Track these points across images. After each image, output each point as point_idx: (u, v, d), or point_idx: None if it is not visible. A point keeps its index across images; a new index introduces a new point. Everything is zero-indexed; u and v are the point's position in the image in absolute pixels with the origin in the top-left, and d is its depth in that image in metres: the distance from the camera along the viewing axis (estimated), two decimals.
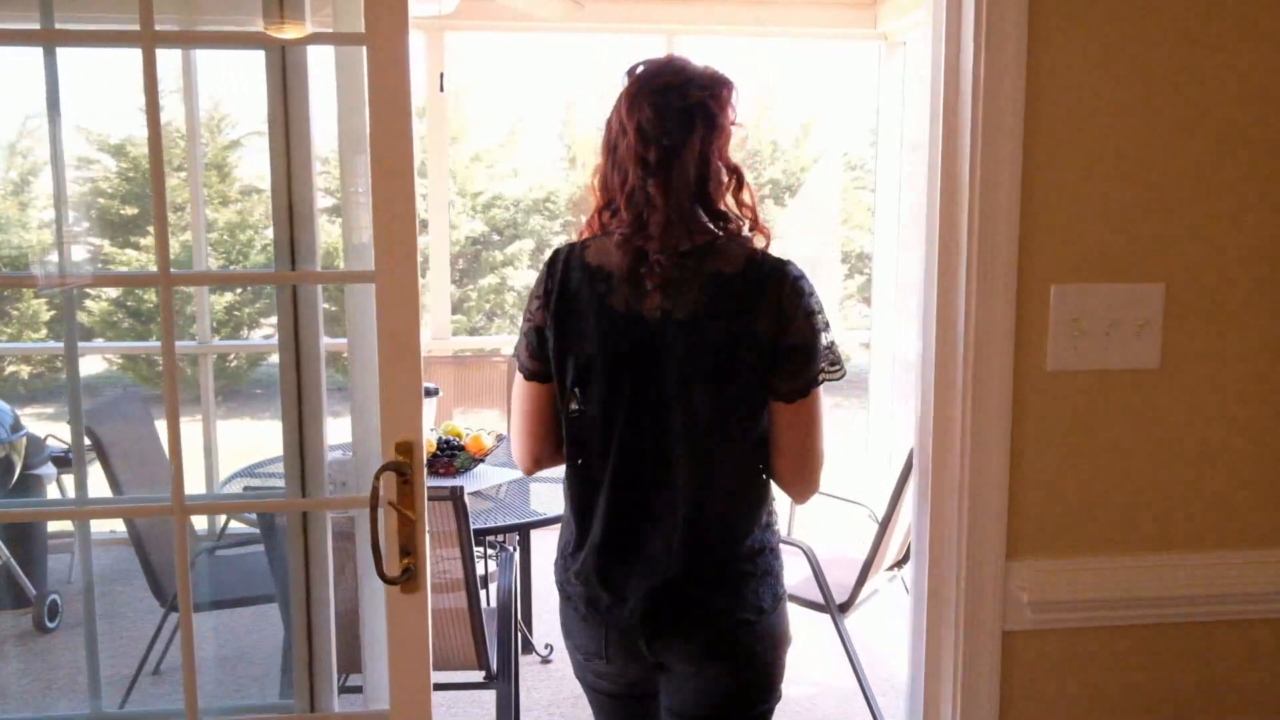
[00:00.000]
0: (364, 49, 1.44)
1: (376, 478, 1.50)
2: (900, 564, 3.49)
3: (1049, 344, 1.61)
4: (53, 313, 12.95)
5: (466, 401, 4.49)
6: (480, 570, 3.51)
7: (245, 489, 3.04)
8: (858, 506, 3.96)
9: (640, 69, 1.65)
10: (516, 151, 12.64)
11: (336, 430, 1.72)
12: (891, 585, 3.50)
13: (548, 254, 1.76)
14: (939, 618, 1.67)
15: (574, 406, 1.66)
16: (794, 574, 3.36)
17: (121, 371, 13.12)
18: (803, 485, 1.69)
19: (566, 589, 1.75)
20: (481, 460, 3.37)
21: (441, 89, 3.51)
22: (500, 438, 3.58)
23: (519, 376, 1.76)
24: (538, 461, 1.78)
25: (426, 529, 1.58)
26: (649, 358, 1.61)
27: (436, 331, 5.17)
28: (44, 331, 11.23)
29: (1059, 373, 1.62)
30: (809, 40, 6.17)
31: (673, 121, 1.58)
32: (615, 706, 1.82)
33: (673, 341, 1.60)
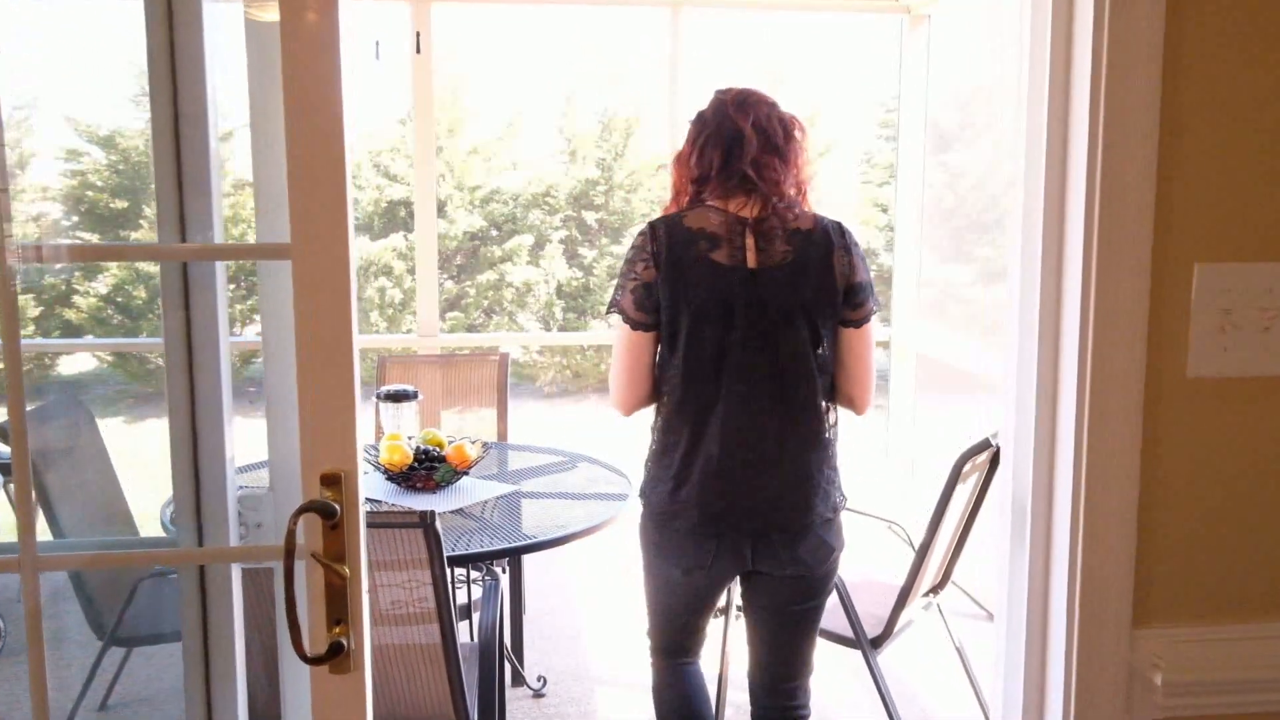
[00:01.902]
0: None
1: (293, 521, 1.11)
2: (937, 589, 3.10)
3: (1190, 342, 1.22)
4: (40, 309, 12.61)
5: (459, 402, 4.10)
6: (462, 598, 3.12)
7: (173, 515, 2.64)
8: (878, 520, 3.58)
9: (733, 90, 2.08)
10: (515, 144, 12.28)
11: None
12: (927, 614, 3.11)
13: (638, 228, 2.13)
14: (1040, 702, 1.28)
15: (684, 348, 1.98)
16: None
17: (112, 369, 12.78)
18: (864, 398, 2.09)
19: (670, 513, 2.03)
20: (465, 473, 2.98)
21: (377, 57, 3.14)
22: (486, 446, 3.19)
23: (624, 330, 2.03)
24: (640, 402, 2.09)
25: (366, 588, 1.19)
26: (752, 299, 1.96)
27: (424, 329, 4.78)
28: (31, 328, 10.87)
29: (1204, 380, 1.23)
30: (823, 13, 5.76)
31: (779, 125, 2.04)
32: (695, 600, 2.15)
33: (770, 283, 1.97)
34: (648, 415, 2.16)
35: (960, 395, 5.56)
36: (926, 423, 5.19)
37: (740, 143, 2.00)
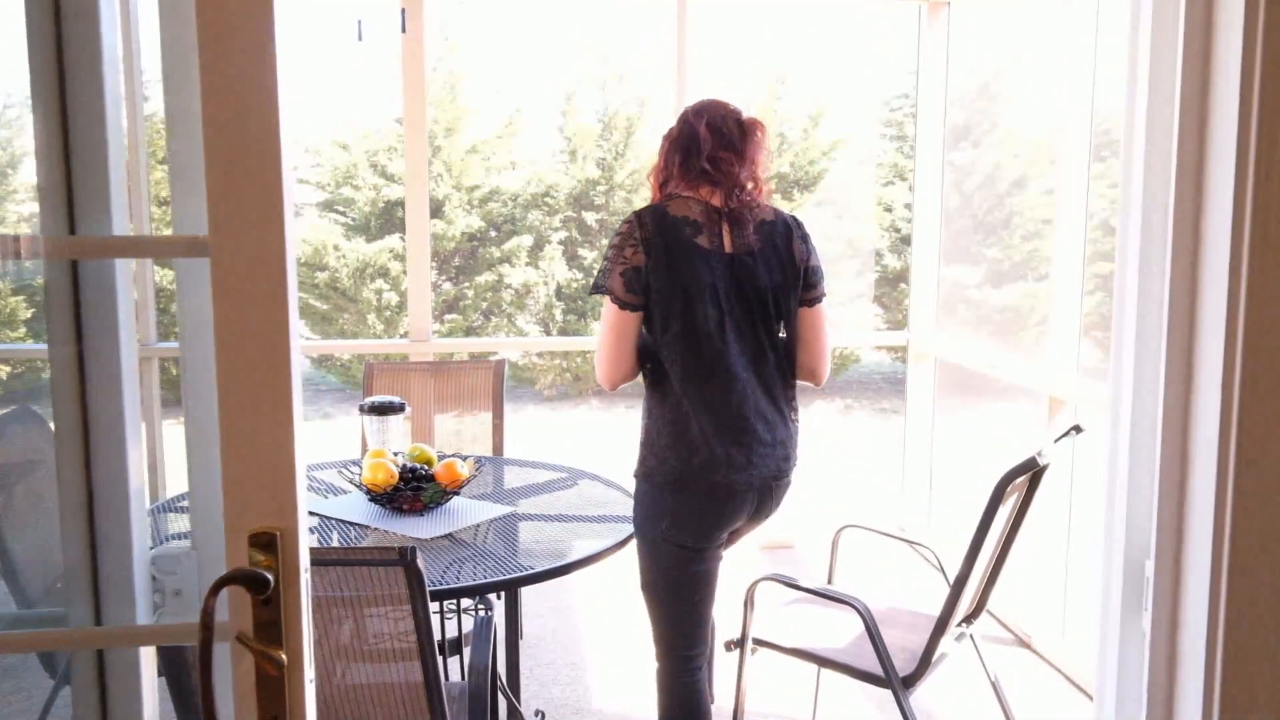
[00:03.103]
0: None
1: (211, 596, 0.85)
2: (970, 618, 2.84)
3: None
4: (32, 310, 12.35)
5: (452, 412, 3.84)
6: (452, 630, 2.86)
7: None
8: (904, 542, 3.33)
9: (696, 103, 2.32)
10: (514, 143, 12.06)
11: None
12: (960, 645, 2.85)
13: (624, 215, 2.33)
14: None
15: (682, 324, 2.19)
16: (842, 635, 2.72)
17: None
18: (822, 370, 2.37)
19: (687, 477, 2.22)
20: (456, 493, 2.72)
21: (360, 38, 2.91)
22: (479, 462, 2.94)
23: (613, 310, 2.19)
24: (625, 377, 2.26)
25: (310, 676, 0.93)
26: (732, 280, 2.21)
27: (417, 333, 4.52)
28: (22, 330, 10.62)
29: None
30: (837, 1, 5.50)
31: (734, 125, 2.27)
32: (704, 577, 2.32)
33: (744, 267, 2.22)
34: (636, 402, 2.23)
35: (979, 402, 5.31)
36: (946, 432, 4.94)
37: (696, 142, 2.25)
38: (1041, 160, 11.39)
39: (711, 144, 2.23)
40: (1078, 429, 2.75)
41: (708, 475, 2.21)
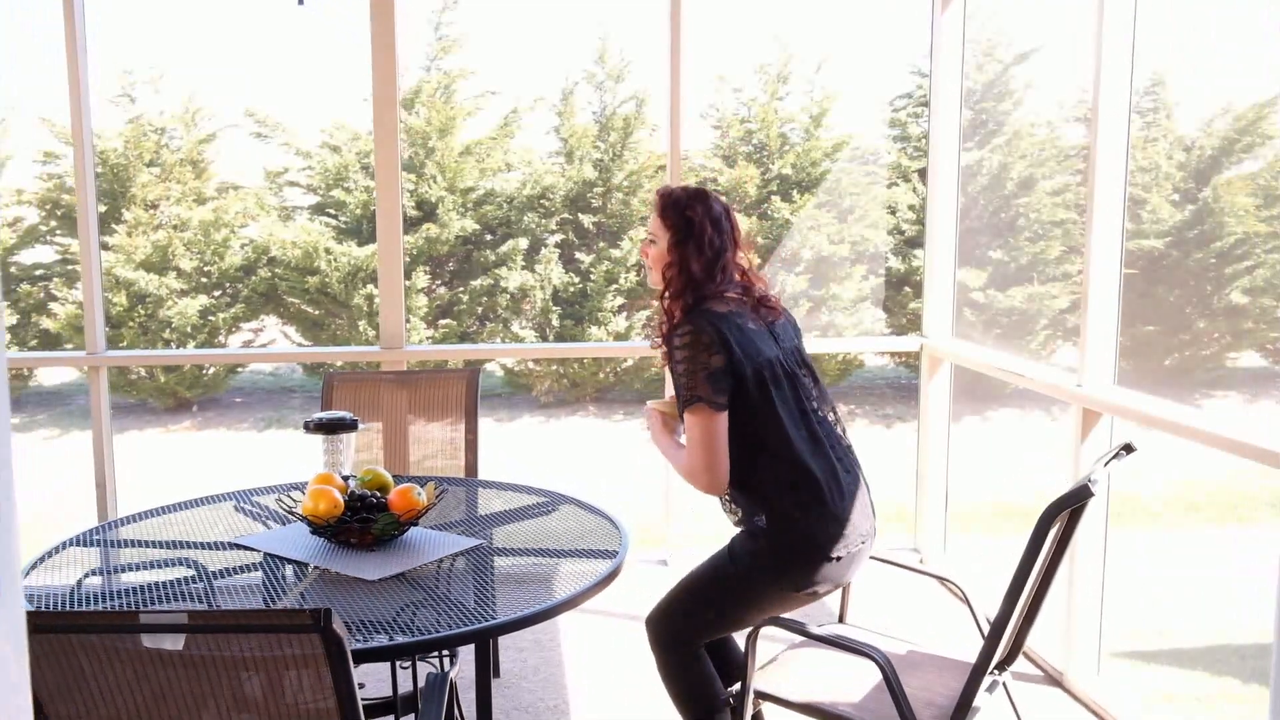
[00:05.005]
0: None
1: None
2: (1004, 664, 2.48)
3: None
4: (16, 317, 12.04)
5: (425, 428, 3.48)
6: (406, 684, 2.50)
7: None
8: (928, 576, 2.97)
9: (710, 201, 2.44)
10: (510, 144, 11.76)
11: None
12: (993, 696, 2.49)
13: (689, 328, 2.31)
14: None
15: (777, 402, 2.31)
16: (858, 685, 2.36)
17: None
18: None
19: (818, 540, 2.29)
20: (413, 524, 2.36)
21: (300, 2, 2.60)
22: (440, 486, 2.58)
23: (710, 415, 2.26)
24: (729, 471, 2.30)
25: None
26: (780, 349, 2.40)
27: (388, 339, 4.16)
28: (7, 338, 10.29)
29: None
30: None
31: (731, 221, 2.47)
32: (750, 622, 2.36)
33: (780, 335, 2.44)
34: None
35: (989, 410, 4.96)
36: (961, 445, 4.58)
37: (719, 254, 2.39)
38: (1050, 160, 11.04)
39: (729, 253, 2.41)
40: (1128, 448, 2.39)
41: (849, 533, 2.32)
